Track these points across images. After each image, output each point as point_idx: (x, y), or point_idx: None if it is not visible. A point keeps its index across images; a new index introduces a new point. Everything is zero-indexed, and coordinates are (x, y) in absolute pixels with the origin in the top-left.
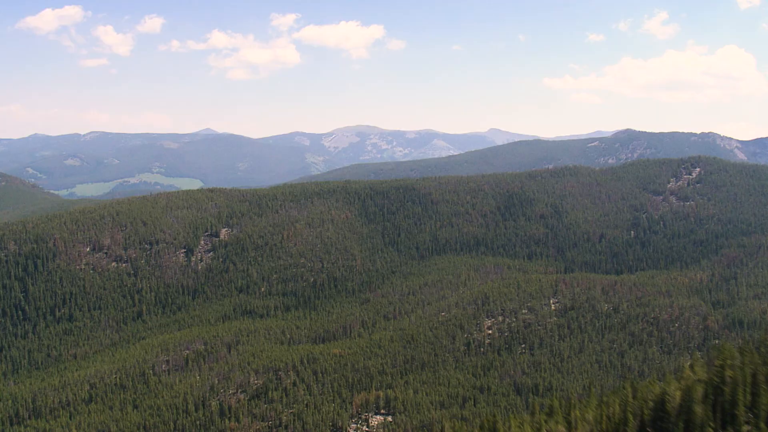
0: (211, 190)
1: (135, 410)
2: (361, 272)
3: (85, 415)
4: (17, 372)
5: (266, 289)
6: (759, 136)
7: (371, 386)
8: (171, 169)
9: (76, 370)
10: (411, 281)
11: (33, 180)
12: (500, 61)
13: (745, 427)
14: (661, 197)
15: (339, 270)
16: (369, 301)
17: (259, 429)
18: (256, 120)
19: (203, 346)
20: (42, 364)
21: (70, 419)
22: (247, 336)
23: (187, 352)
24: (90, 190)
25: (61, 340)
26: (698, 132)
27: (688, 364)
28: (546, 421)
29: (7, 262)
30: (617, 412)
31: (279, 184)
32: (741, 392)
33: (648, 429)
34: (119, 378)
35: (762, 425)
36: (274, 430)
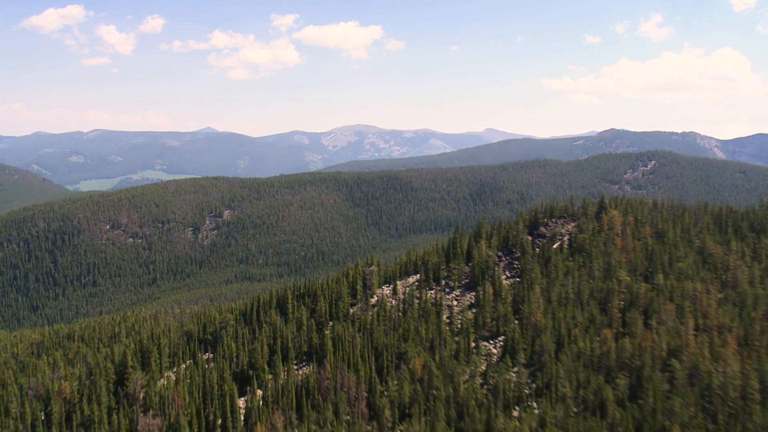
0: (216, 178)
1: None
2: (345, 248)
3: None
4: (52, 326)
5: (263, 260)
6: (738, 136)
7: None
8: (173, 166)
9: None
10: (389, 255)
11: None
12: (498, 62)
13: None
14: (617, 186)
15: (327, 246)
16: None
17: None
18: (256, 119)
19: (209, 301)
20: (73, 319)
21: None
22: (247, 294)
23: (196, 306)
24: (94, 186)
25: (87, 301)
26: (679, 131)
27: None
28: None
29: (38, 237)
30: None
31: (276, 175)
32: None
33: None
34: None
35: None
36: None
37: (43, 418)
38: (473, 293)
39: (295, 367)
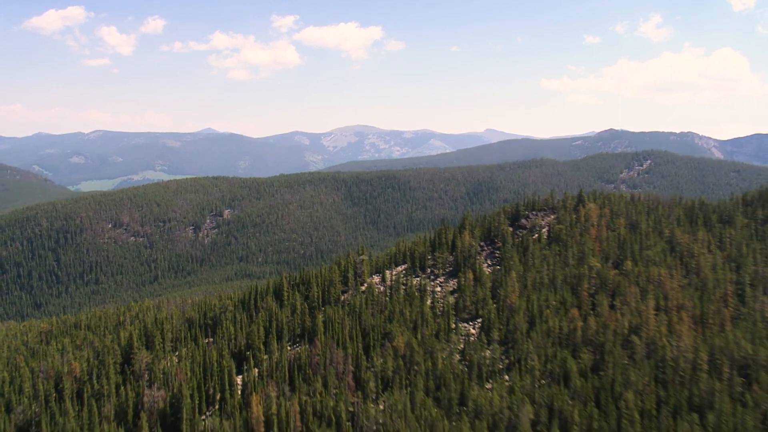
0: (216, 178)
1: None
2: (344, 246)
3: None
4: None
5: (263, 258)
6: (737, 136)
7: None
8: (173, 167)
9: None
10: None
11: None
12: (498, 62)
13: None
14: (613, 185)
15: (325, 244)
16: None
17: None
18: (257, 119)
19: (210, 296)
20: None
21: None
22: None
23: (197, 299)
24: (95, 186)
25: (89, 298)
26: (677, 132)
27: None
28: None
29: (41, 235)
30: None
31: (275, 175)
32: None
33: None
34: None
35: None
36: None
37: (55, 394)
38: (456, 280)
39: (289, 347)
